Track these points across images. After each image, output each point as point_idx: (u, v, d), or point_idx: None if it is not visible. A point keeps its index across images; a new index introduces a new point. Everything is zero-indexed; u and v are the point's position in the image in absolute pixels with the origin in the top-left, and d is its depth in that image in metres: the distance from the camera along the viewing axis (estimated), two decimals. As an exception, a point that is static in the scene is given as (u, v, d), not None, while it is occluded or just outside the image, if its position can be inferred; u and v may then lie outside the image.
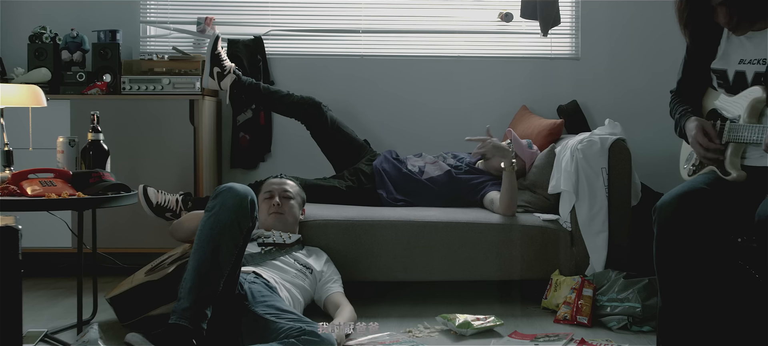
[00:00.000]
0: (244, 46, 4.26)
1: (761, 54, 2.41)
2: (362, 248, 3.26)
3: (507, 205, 3.36)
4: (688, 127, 2.54)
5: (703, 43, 2.55)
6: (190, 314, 2.32)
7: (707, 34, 2.53)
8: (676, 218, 2.35)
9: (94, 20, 4.21)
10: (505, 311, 3.14)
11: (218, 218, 2.46)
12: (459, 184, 3.65)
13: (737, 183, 2.41)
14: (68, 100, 3.83)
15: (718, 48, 2.53)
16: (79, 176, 2.84)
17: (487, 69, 4.36)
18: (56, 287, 3.60)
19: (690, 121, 2.53)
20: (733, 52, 2.50)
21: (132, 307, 2.78)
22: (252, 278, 2.68)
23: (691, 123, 2.52)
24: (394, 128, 4.33)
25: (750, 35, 2.44)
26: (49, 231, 3.42)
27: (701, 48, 2.57)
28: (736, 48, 2.49)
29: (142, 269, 2.92)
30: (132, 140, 3.82)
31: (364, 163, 3.80)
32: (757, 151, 2.41)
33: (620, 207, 3.26)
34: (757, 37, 2.42)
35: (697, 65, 2.60)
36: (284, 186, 3.17)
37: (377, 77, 4.36)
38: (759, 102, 2.39)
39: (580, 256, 3.27)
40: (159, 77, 3.91)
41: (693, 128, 2.50)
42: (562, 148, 3.48)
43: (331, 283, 2.98)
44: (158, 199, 3.43)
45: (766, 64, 2.39)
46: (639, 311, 2.91)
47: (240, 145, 4.28)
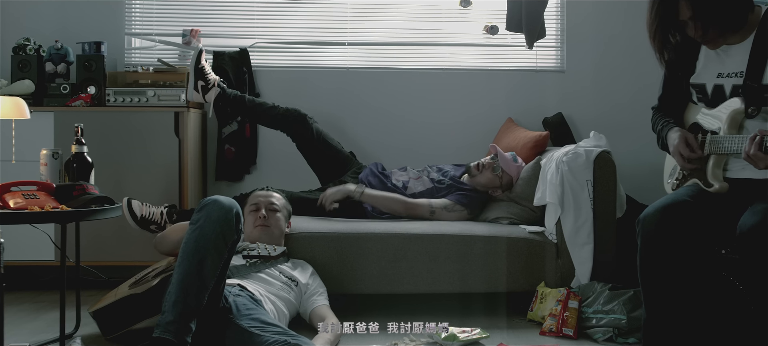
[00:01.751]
0: (229, 58, 4.25)
1: (738, 67, 2.43)
2: (348, 260, 3.25)
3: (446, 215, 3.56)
4: (670, 137, 2.56)
5: (681, 59, 2.56)
6: (174, 327, 2.30)
7: (685, 50, 2.55)
8: (659, 230, 2.36)
9: (79, 32, 4.19)
10: (491, 323, 3.14)
11: (203, 231, 2.45)
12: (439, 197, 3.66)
13: (720, 195, 2.43)
14: (52, 113, 3.80)
15: (696, 63, 2.55)
16: (63, 189, 2.83)
17: (473, 81, 4.38)
18: (39, 301, 3.57)
19: (672, 132, 2.55)
20: (710, 66, 2.52)
21: (115, 320, 2.76)
22: (237, 290, 2.67)
23: (674, 133, 2.54)
24: (380, 141, 4.33)
25: (725, 49, 2.46)
26: (32, 244, 3.40)
27: (679, 64, 2.58)
28: (714, 62, 2.51)
29: (126, 282, 2.90)
30: (116, 153, 3.80)
31: (350, 175, 3.80)
32: (738, 163, 2.43)
33: (605, 219, 3.27)
34: (733, 50, 2.44)
35: (676, 81, 2.62)
36: (270, 199, 3.16)
37: (363, 90, 4.36)
38: (738, 113, 2.41)
39: (566, 268, 3.28)
40: (144, 89, 3.89)
41: (675, 139, 2.52)
42: (547, 161, 3.49)
43: (317, 296, 2.97)
44: (143, 211, 3.41)
45: (743, 77, 2.41)
46: (624, 323, 2.91)
47: (225, 157, 4.27)
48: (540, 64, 4.43)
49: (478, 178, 3.67)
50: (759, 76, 2.37)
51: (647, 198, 3.53)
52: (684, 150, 2.47)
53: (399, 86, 4.38)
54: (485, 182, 3.68)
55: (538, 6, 4.20)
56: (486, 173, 3.67)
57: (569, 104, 4.34)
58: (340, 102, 4.34)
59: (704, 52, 2.53)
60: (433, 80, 4.38)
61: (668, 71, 2.62)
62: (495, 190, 3.68)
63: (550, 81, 4.40)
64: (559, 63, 4.44)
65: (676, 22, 2.41)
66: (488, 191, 3.69)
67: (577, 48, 4.39)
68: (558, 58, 4.44)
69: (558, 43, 4.43)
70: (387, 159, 4.11)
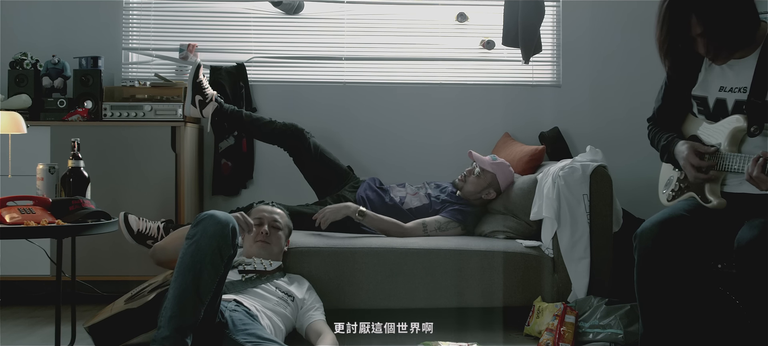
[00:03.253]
0: (226, 73, 4.26)
1: (741, 82, 2.42)
2: (344, 275, 3.24)
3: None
4: (678, 150, 2.54)
5: (684, 71, 2.56)
6: (170, 342, 2.29)
7: (688, 63, 2.54)
8: (656, 244, 2.36)
9: (76, 46, 4.19)
10: (488, 338, 3.14)
11: (199, 246, 2.44)
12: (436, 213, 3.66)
13: (717, 210, 2.43)
14: (49, 127, 3.81)
15: (698, 75, 2.55)
16: (59, 204, 2.82)
17: (470, 96, 4.39)
18: (34, 316, 3.56)
19: (680, 144, 2.54)
20: (713, 79, 2.51)
21: (111, 335, 2.75)
22: (233, 305, 2.66)
23: (682, 146, 2.52)
24: (376, 155, 4.34)
25: (731, 63, 2.45)
26: (27, 259, 3.39)
27: (682, 76, 2.58)
28: (717, 76, 2.50)
29: (122, 297, 2.89)
30: (113, 167, 3.80)
31: (348, 189, 3.80)
32: (736, 178, 2.42)
33: (602, 233, 3.27)
34: (738, 66, 2.44)
35: (677, 92, 2.62)
36: (274, 216, 3.14)
37: (359, 104, 4.37)
38: (739, 131, 2.41)
39: (563, 282, 3.27)
40: (141, 104, 3.90)
41: (684, 150, 2.50)
42: (543, 175, 3.49)
43: (313, 311, 2.96)
44: (140, 226, 3.41)
45: (746, 92, 2.40)
46: (621, 338, 2.91)
47: (222, 172, 4.27)
48: (536, 78, 4.44)
49: (465, 188, 3.69)
50: (763, 92, 2.36)
51: (644, 212, 3.53)
52: (694, 160, 2.46)
53: (395, 101, 4.38)
54: (473, 189, 3.68)
55: (534, 21, 4.21)
56: (470, 179, 3.68)
57: (565, 119, 4.35)
58: (337, 116, 4.35)
59: (707, 64, 2.52)
60: (430, 95, 4.39)
61: (673, 82, 2.62)
62: (487, 193, 3.68)
63: (546, 96, 4.41)
64: (555, 78, 4.45)
65: (687, 38, 2.40)
66: (481, 196, 3.69)
67: (573, 63, 4.40)
68: (554, 72, 4.46)
69: (554, 58, 4.45)
70: (383, 173, 4.11)
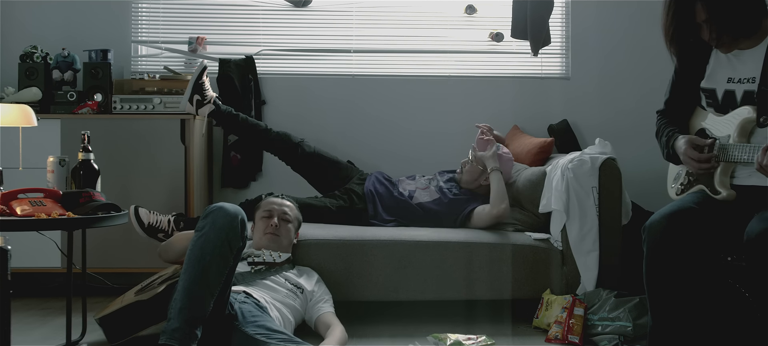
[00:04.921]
0: (235, 66, 4.27)
1: (750, 73, 2.42)
2: (353, 267, 3.25)
3: (493, 202, 3.50)
4: (677, 145, 2.54)
5: (692, 62, 2.56)
6: (179, 334, 2.31)
7: (695, 54, 2.54)
8: (665, 237, 2.35)
9: (86, 40, 4.21)
10: (497, 330, 3.14)
11: (208, 238, 2.45)
12: (446, 208, 3.64)
13: (727, 202, 2.42)
14: (59, 120, 3.82)
15: (706, 67, 2.55)
16: (69, 196, 2.83)
17: (478, 89, 4.38)
18: (45, 308, 3.58)
19: (678, 140, 2.54)
20: (721, 71, 2.51)
21: (121, 327, 2.77)
22: (242, 297, 2.67)
23: (680, 141, 2.53)
24: (385, 148, 4.34)
25: (737, 53, 2.45)
26: (38, 251, 3.40)
27: (689, 67, 2.58)
28: (725, 67, 2.50)
29: (132, 289, 2.91)
30: (123, 160, 3.81)
31: (355, 182, 3.80)
32: (745, 170, 2.42)
33: (611, 226, 3.27)
34: (745, 56, 2.44)
35: (686, 85, 2.61)
36: (284, 208, 3.15)
37: (368, 97, 4.37)
38: (748, 122, 2.40)
39: (571, 275, 3.27)
40: (150, 97, 3.91)
41: (682, 145, 2.51)
42: (552, 168, 3.49)
43: (322, 303, 2.97)
44: (150, 219, 3.43)
45: (755, 82, 2.40)
46: (630, 330, 2.90)
47: (231, 164, 4.28)
48: (545, 71, 4.43)
49: (463, 179, 3.70)
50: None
51: (653, 205, 3.53)
52: (693, 153, 2.46)
53: (404, 93, 4.38)
54: (469, 178, 3.69)
55: (543, 13, 4.20)
56: (465, 169, 3.70)
57: (574, 111, 4.34)
58: (345, 109, 4.35)
59: (715, 56, 2.52)
60: (438, 87, 4.39)
61: (680, 74, 2.62)
62: (485, 178, 3.66)
63: (555, 88, 4.40)
64: (564, 70, 4.44)
65: (692, 24, 2.42)
66: (480, 182, 3.68)
67: (582, 55, 4.39)
68: (563, 65, 4.44)
69: (563, 50, 4.44)
70: (391, 166, 4.11)
